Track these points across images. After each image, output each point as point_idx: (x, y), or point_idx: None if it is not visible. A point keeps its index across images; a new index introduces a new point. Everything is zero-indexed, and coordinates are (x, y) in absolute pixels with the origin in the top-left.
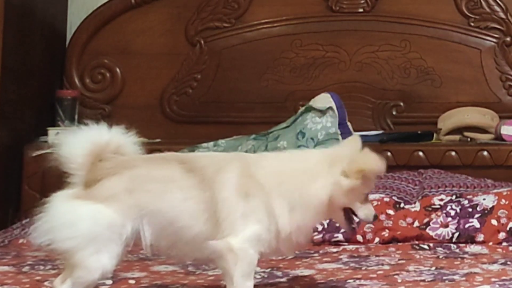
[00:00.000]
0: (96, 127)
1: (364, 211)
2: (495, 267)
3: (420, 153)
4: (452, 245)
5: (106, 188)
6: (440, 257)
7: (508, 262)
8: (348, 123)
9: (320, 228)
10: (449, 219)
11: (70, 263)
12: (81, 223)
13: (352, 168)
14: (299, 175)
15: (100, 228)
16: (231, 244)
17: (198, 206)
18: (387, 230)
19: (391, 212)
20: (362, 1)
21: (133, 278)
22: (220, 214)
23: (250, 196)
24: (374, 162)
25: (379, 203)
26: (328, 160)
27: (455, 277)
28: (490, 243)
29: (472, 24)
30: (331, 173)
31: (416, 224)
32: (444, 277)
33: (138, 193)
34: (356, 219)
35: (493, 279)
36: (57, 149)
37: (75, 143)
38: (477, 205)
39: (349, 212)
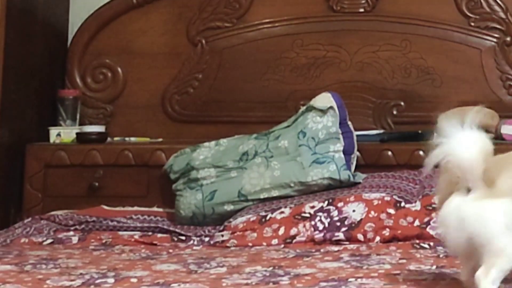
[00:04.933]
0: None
1: None
2: None
3: (421, 153)
4: None
5: (502, 187)
6: (441, 256)
7: None
8: (349, 123)
9: (321, 227)
10: None
11: (489, 255)
12: (494, 217)
13: None
14: None
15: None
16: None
17: None
18: (387, 229)
19: (391, 211)
20: (363, 1)
21: (135, 277)
22: None
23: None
24: None
25: (379, 202)
26: None
27: (456, 276)
28: None
29: (472, 24)
30: None
31: (417, 223)
32: (445, 276)
33: None
34: None
35: None
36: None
37: (472, 148)
38: None
39: None
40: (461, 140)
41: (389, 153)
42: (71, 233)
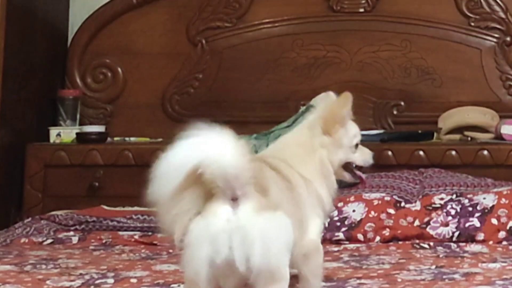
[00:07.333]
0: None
1: (361, 157)
2: (495, 266)
3: (421, 152)
4: (452, 244)
5: (274, 196)
6: (440, 256)
7: (508, 261)
8: None
9: None
10: (450, 218)
11: (269, 276)
12: (282, 237)
13: (327, 123)
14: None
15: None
16: (316, 242)
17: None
18: (387, 229)
19: (391, 211)
20: (363, 1)
21: (135, 277)
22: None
23: (308, 194)
24: (340, 104)
25: (380, 202)
26: (307, 128)
27: (455, 276)
28: (490, 242)
29: (472, 24)
30: (315, 139)
31: (417, 223)
32: (444, 276)
33: (286, 201)
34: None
35: (493, 278)
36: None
37: (232, 151)
38: (477, 204)
39: (348, 166)
40: (214, 143)
41: (389, 153)
42: (71, 233)
